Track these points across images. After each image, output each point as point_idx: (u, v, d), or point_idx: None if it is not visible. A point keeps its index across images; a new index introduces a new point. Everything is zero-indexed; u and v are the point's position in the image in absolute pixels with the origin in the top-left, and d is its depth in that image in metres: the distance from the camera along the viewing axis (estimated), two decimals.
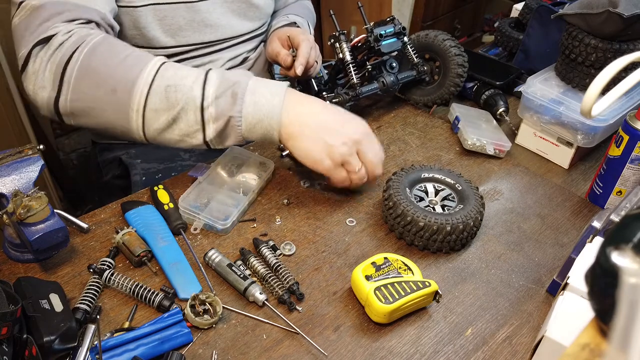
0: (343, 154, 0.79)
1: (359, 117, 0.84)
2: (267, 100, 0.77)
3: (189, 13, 1.01)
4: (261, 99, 0.77)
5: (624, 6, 0.85)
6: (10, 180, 0.69)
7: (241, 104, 0.76)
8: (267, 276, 0.73)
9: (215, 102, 0.76)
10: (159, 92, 0.75)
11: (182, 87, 0.75)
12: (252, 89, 0.77)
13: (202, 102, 0.76)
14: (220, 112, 0.76)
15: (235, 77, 0.78)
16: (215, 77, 0.77)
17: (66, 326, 0.58)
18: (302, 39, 1.06)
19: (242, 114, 0.77)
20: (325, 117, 0.80)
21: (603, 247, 0.40)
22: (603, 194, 0.89)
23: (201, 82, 0.76)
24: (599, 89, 0.63)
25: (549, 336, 0.54)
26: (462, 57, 1.05)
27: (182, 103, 0.76)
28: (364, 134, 0.82)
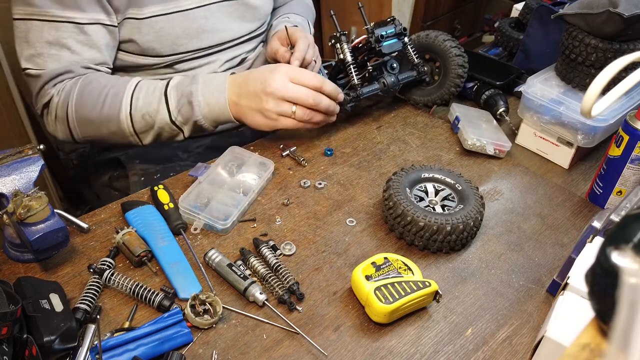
0: (272, 108, 0.88)
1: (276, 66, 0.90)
2: (216, 99, 0.90)
3: (185, 21, 1.01)
4: (212, 99, 0.90)
5: (624, 6, 0.85)
6: (10, 180, 0.69)
7: (198, 109, 0.91)
8: (267, 276, 0.73)
9: (180, 113, 0.92)
10: (140, 121, 0.93)
11: (152, 112, 0.92)
12: (203, 94, 0.90)
13: (170, 117, 0.92)
14: (186, 118, 0.92)
15: (188, 88, 0.91)
16: (173, 92, 0.92)
17: (66, 326, 0.58)
18: (300, 36, 1.06)
19: (202, 115, 0.91)
20: (253, 88, 0.89)
21: (603, 247, 0.40)
22: (603, 194, 0.89)
23: (164, 102, 0.91)
24: (599, 89, 0.63)
25: (549, 336, 0.54)
26: (463, 58, 1.05)
27: (158, 122, 0.93)
28: (279, 80, 0.87)
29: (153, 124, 0.93)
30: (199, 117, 0.91)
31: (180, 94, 0.91)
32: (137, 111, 0.92)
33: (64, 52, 0.92)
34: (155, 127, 0.93)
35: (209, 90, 0.91)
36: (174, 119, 0.92)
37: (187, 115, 0.91)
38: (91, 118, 0.93)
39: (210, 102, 0.90)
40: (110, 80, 0.94)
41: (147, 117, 0.92)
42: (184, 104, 0.90)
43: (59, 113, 0.95)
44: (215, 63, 1.10)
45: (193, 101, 0.90)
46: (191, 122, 0.92)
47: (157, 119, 0.92)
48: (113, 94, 0.92)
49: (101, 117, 0.93)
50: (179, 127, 0.93)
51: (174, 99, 0.91)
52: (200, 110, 0.90)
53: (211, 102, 0.90)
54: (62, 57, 0.93)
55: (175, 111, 0.91)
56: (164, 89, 0.92)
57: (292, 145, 0.99)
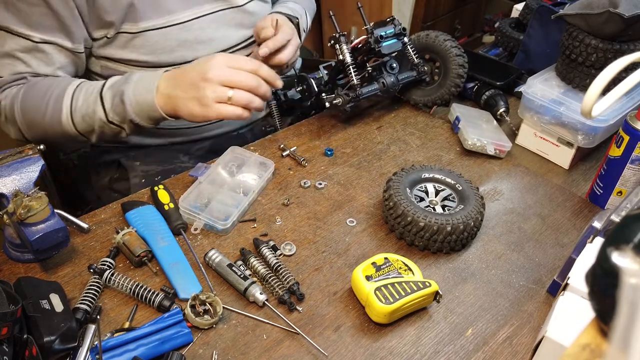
0: (208, 95, 0.85)
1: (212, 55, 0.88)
2: (144, 97, 0.89)
3: (181, 34, 1.00)
4: (140, 98, 0.89)
5: (625, 6, 0.85)
6: (10, 180, 0.69)
7: (130, 108, 0.89)
8: (268, 276, 0.73)
9: (115, 113, 0.91)
10: (81, 122, 0.93)
11: (90, 113, 0.91)
12: (134, 92, 0.89)
13: (106, 118, 0.91)
14: (122, 118, 0.91)
15: (121, 86, 0.90)
16: (108, 92, 0.91)
17: (66, 326, 0.58)
18: (284, 30, 1.03)
19: (135, 113, 0.90)
20: (186, 78, 0.87)
21: (603, 248, 0.40)
22: (603, 194, 0.89)
23: (100, 103, 0.91)
24: (599, 90, 0.63)
25: (549, 336, 0.54)
26: (463, 58, 1.05)
27: (97, 123, 0.92)
28: (217, 65, 0.86)
29: (94, 125, 0.92)
30: (132, 116, 0.90)
31: (114, 94, 0.90)
32: (77, 112, 0.92)
33: (18, 64, 0.93)
34: (96, 129, 0.93)
35: (139, 88, 0.89)
36: (110, 119, 0.91)
37: (121, 114, 0.90)
38: (37, 121, 0.93)
39: (139, 100, 0.89)
40: (54, 82, 0.94)
41: (86, 119, 0.92)
42: (117, 104, 0.90)
43: (8, 116, 0.95)
44: None
45: (125, 100, 0.89)
46: (127, 121, 0.91)
47: (95, 119, 0.91)
48: (55, 96, 0.92)
49: (45, 119, 0.93)
50: (118, 126, 0.92)
51: (109, 99, 0.91)
52: (132, 108, 0.89)
53: (140, 100, 0.89)
54: (15, 68, 0.93)
55: (111, 111, 0.91)
56: (100, 90, 0.91)
57: (293, 146, 0.99)
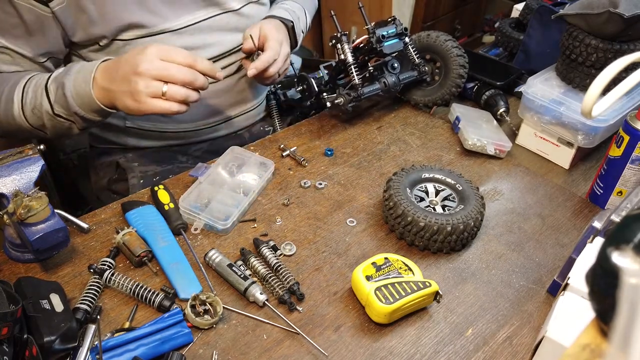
0: (141, 89, 0.81)
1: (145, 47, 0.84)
2: (83, 89, 0.86)
3: (175, 41, 0.99)
4: (80, 90, 0.86)
5: (625, 6, 0.85)
6: (10, 180, 0.69)
7: (72, 100, 0.87)
8: (268, 276, 0.73)
9: (59, 106, 0.88)
10: (31, 116, 0.90)
11: (38, 106, 0.89)
12: (73, 84, 0.86)
13: (52, 110, 0.89)
14: (67, 110, 0.88)
15: (62, 79, 0.87)
16: (52, 85, 0.88)
17: (66, 326, 0.58)
18: (270, 47, 1.02)
19: (77, 105, 0.87)
20: (121, 72, 0.84)
21: (603, 248, 0.40)
22: (604, 194, 0.89)
23: (45, 95, 0.88)
24: (599, 90, 0.63)
25: (549, 336, 0.54)
26: (463, 58, 1.05)
27: (45, 116, 0.90)
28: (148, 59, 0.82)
29: (42, 118, 0.90)
30: (75, 108, 0.87)
31: (57, 86, 0.88)
32: (27, 106, 0.90)
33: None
34: (45, 121, 0.90)
35: (79, 79, 0.87)
36: (56, 112, 0.89)
37: (65, 107, 0.88)
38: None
39: (79, 92, 0.86)
40: (10, 75, 0.92)
41: (35, 112, 0.90)
42: (60, 96, 0.88)
43: None
44: None
45: (66, 93, 0.87)
46: (73, 114, 0.88)
47: (43, 112, 0.89)
48: (8, 89, 0.90)
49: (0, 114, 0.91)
50: (66, 119, 0.90)
51: (53, 91, 0.88)
52: (74, 100, 0.87)
53: (80, 92, 0.86)
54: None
55: (56, 105, 0.88)
56: (45, 82, 0.89)
57: (293, 146, 0.99)
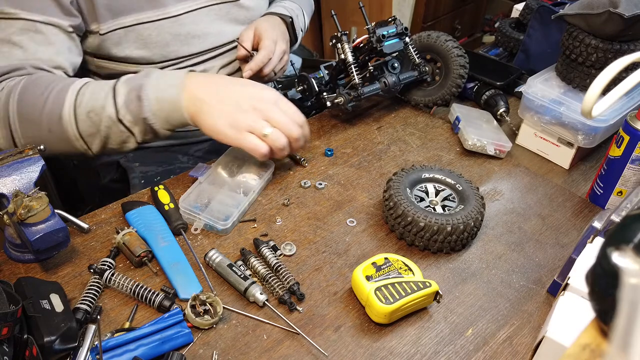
0: (246, 121, 0.79)
1: (266, 86, 0.85)
2: (168, 93, 0.81)
3: (174, 28, 0.99)
4: (163, 94, 0.80)
5: (625, 6, 0.85)
6: (10, 180, 0.69)
7: (148, 104, 0.80)
8: (268, 276, 0.73)
9: (128, 110, 0.81)
10: (84, 120, 0.82)
11: (98, 108, 0.81)
12: (155, 87, 0.81)
13: (117, 115, 0.81)
14: (135, 116, 0.81)
15: (139, 81, 0.81)
16: (123, 87, 0.81)
17: (67, 326, 0.58)
18: (264, 46, 1.03)
19: (152, 112, 0.81)
20: (226, 92, 0.81)
21: (604, 248, 0.40)
22: (604, 194, 0.89)
23: (111, 97, 0.81)
24: (599, 90, 0.63)
25: (549, 336, 0.54)
26: (464, 58, 1.05)
27: (104, 122, 0.81)
28: (270, 101, 0.82)
29: (99, 125, 0.81)
30: (148, 115, 0.80)
31: (130, 88, 0.81)
32: (82, 108, 0.81)
33: (16, 50, 0.85)
34: (102, 129, 0.82)
35: (162, 83, 0.81)
36: (121, 117, 0.81)
37: (135, 112, 0.81)
38: (32, 117, 0.82)
39: (161, 97, 0.80)
40: (60, 78, 0.85)
41: (92, 116, 0.81)
42: (132, 99, 0.80)
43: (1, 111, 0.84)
44: (212, 70, 1.09)
45: (142, 95, 0.80)
46: (141, 122, 0.82)
47: (103, 116, 0.81)
48: (58, 90, 0.82)
49: (42, 115, 0.81)
50: (127, 128, 0.82)
51: (123, 94, 0.81)
52: (149, 106, 0.80)
53: (163, 96, 0.80)
54: (12, 54, 0.85)
55: (123, 108, 0.80)
56: (113, 84, 0.82)
57: None
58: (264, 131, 0.80)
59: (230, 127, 0.80)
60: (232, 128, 0.80)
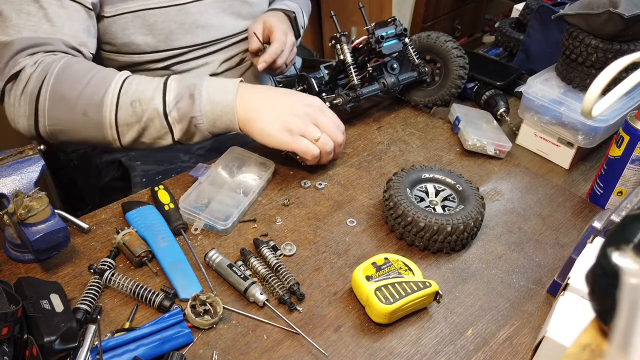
0: (299, 125, 0.84)
1: (312, 95, 0.90)
2: (222, 97, 0.83)
3: (179, 16, 1.00)
4: (216, 96, 0.83)
5: (625, 6, 0.85)
6: (10, 180, 0.69)
7: (199, 104, 0.82)
8: (268, 276, 0.73)
9: (176, 107, 0.82)
10: (126, 108, 0.82)
11: (145, 99, 0.82)
12: (208, 89, 0.83)
13: (164, 109, 0.82)
14: (182, 114, 0.83)
15: (192, 80, 0.84)
16: (174, 84, 0.84)
17: (67, 326, 0.58)
18: (276, 39, 1.07)
19: (202, 112, 0.83)
20: (277, 99, 0.86)
21: (604, 248, 0.40)
22: (604, 194, 0.89)
23: (161, 90, 0.83)
24: (599, 90, 0.63)
25: (549, 337, 0.54)
26: (463, 59, 1.05)
27: (148, 113, 0.82)
28: (317, 107, 0.87)
29: (142, 115, 0.82)
30: (197, 114, 0.82)
31: (183, 86, 0.83)
32: (127, 96, 0.81)
33: (44, 24, 0.84)
34: (143, 120, 0.82)
35: (217, 87, 0.84)
36: (167, 112, 0.82)
37: (184, 110, 0.82)
38: (68, 97, 0.81)
39: (214, 98, 0.83)
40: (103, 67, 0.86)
41: (136, 105, 0.81)
42: (183, 97, 0.82)
43: (30, 87, 0.82)
44: (213, 63, 1.10)
45: (195, 94, 0.82)
46: (187, 120, 0.83)
47: (149, 108, 0.81)
48: (104, 74, 0.83)
49: (81, 96, 0.80)
50: (169, 125, 0.83)
51: (174, 90, 0.83)
52: (201, 105, 0.82)
53: (216, 99, 0.83)
54: (40, 28, 0.84)
55: (172, 103, 0.82)
56: (165, 79, 0.84)
57: None
58: (315, 135, 0.85)
59: (284, 130, 0.83)
60: (286, 131, 0.83)
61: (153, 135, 0.85)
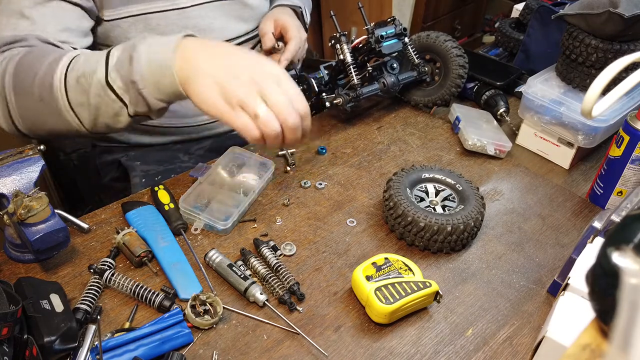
0: (238, 92, 0.68)
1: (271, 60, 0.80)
2: (160, 55, 0.71)
3: (181, 20, 1.00)
4: (155, 55, 0.71)
5: (625, 6, 0.85)
6: (10, 180, 0.69)
7: (137, 66, 0.71)
8: (268, 276, 0.73)
9: (117, 74, 0.72)
10: (74, 86, 0.74)
11: (88, 73, 0.73)
12: (148, 47, 0.72)
13: (106, 78, 0.72)
14: (124, 80, 0.72)
15: (135, 41, 0.73)
16: (118, 50, 0.73)
17: (67, 326, 0.58)
18: (293, 36, 1.08)
19: (142, 75, 0.72)
20: (225, 59, 0.71)
21: (604, 248, 0.40)
22: (604, 194, 0.89)
23: (104, 59, 0.73)
24: (599, 90, 0.63)
25: (549, 337, 0.54)
26: (463, 58, 1.05)
27: (94, 88, 0.73)
28: (271, 74, 0.70)
29: (89, 91, 0.73)
30: (136, 77, 0.71)
31: (124, 49, 0.73)
32: (73, 73, 0.74)
33: (23, 22, 0.81)
34: (92, 96, 0.73)
35: (157, 44, 0.73)
36: (110, 82, 0.72)
37: (124, 75, 0.72)
38: (25, 84, 0.76)
39: (153, 58, 0.71)
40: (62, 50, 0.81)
41: (82, 81, 0.73)
42: (123, 60, 0.72)
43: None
44: None
45: (133, 55, 0.71)
46: (131, 88, 0.72)
47: (93, 81, 0.72)
48: (55, 57, 0.76)
49: (34, 82, 0.75)
50: (118, 97, 0.73)
51: (116, 56, 0.73)
52: (139, 67, 0.71)
53: (154, 58, 0.71)
54: (19, 25, 0.81)
55: (114, 71, 0.72)
56: (110, 49, 0.75)
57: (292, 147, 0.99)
58: (256, 109, 0.68)
59: (221, 96, 0.69)
60: (222, 98, 0.69)
61: (109, 112, 0.75)
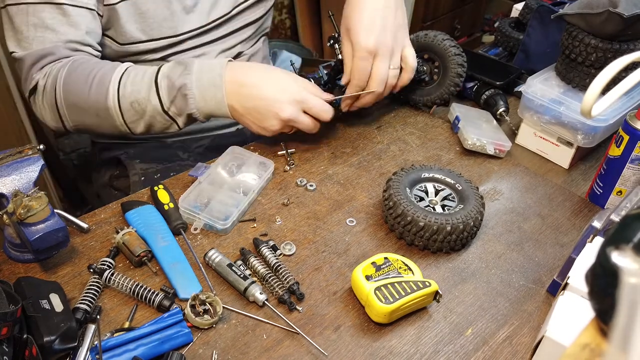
0: (275, 126, 0.89)
1: (302, 78, 0.92)
2: (212, 93, 0.87)
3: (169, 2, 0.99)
4: (207, 93, 0.87)
5: (624, 6, 0.85)
6: (10, 180, 0.69)
7: (193, 102, 0.88)
8: (267, 276, 0.73)
9: (173, 104, 0.88)
10: (128, 109, 0.89)
11: (142, 100, 0.88)
12: (197, 85, 0.87)
13: (162, 107, 0.88)
14: (180, 110, 0.89)
15: (181, 79, 0.87)
16: (165, 82, 0.88)
17: (66, 326, 0.58)
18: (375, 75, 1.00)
19: (197, 108, 0.88)
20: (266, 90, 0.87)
21: (603, 247, 0.40)
22: (603, 193, 0.89)
23: (155, 90, 0.88)
24: (599, 89, 0.63)
25: (549, 336, 0.54)
26: (462, 57, 1.05)
27: (149, 111, 0.89)
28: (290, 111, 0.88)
29: (143, 113, 0.89)
30: (193, 110, 0.88)
31: (172, 85, 0.87)
32: (125, 99, 0.88)
33: (48, 34, 0.90)
34: (147, 116, 0.90)
35: (203, 82, 0.87)
36: (166, 109, 0.88)
37: (181, 108, 0.88)
38: (79, 104, 0.90)
39: (206, 96, 0.87)
40: (99, 64, 0.91)
41: (135, 106, 0.88)
42: (176, 97, 0.88)
43: (47, 98, 0.92)
44: (210, 54, 1.09)
45: (187, 94, 0.87)
46: (185, 115, 0.89)
47: (148, 107, 0.88)
48: (100, 77, 0.89)
49: (88, 102, 0.89)
50: (172, 118, 0.90)
51: (165, 88, 0.88)
52: (195, 103, 0.88)
53: (207, 96, 0.87)
54: (45, 38, 0.90)
55: (168, 102, 0.88)
56: (154, 77, 0.88)
57: (293, 145, 0.99)
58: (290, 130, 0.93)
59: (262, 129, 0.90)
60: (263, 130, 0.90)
61: (160, 127, 0.92)
